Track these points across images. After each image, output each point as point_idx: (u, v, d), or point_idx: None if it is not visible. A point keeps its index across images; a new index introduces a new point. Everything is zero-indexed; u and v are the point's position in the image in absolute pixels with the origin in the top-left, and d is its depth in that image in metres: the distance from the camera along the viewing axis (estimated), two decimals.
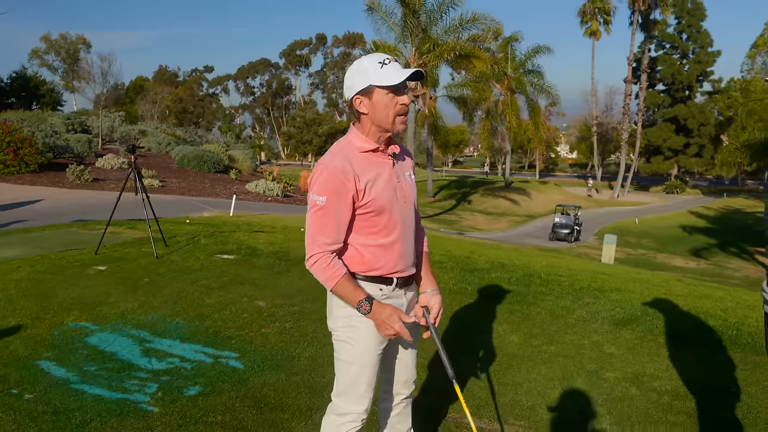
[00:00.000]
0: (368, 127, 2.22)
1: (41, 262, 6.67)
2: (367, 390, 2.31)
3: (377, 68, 2.14)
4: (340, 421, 2.32)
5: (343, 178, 2.13)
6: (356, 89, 2.17)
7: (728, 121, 62.82)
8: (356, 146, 2.22)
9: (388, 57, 2.17)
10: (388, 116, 2.17)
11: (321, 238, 2.17)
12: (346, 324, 2.28)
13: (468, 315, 5.15)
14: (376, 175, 2.21)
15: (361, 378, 2.29)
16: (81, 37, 67.81)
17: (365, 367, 2.28)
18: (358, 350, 2.28)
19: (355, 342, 2.27)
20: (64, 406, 3.41)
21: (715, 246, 32.51)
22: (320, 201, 2.15)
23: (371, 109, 2.17)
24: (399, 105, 2.17)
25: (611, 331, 4.76)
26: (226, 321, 4.89)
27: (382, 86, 2.13)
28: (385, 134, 2.23)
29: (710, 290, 6.62)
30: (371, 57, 2.18)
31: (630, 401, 3.56)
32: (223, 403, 3.46)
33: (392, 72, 2.13)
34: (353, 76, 2.19)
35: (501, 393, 3.64)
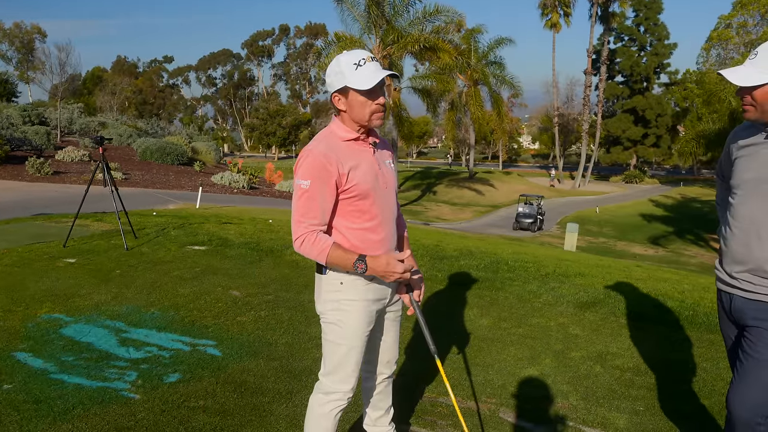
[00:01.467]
0: (347, 121, 2.33)
1: (8, 255, 6.60)
2: (354, 369, 2.41)
3: (352, 70, 2.21)
4: (327, 399, 2.42)
5: (325, 162, 2.22)
6: (334, 88, 2.27)
7: (684, 112, 64.44)
8: (338, 135, 2.32)
9: (363, 57, 2.24)
10: (364, 114, 2.27)
11: (306, 221, 2.26)
12: (335, 307, 2.37)
13: (439, 301, 5.30)
14: (358, 161, 2.31)
15: (349, 358, 2.39)
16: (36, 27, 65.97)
17: (353, 348, 2.38)
18: (346, 332, 2.36)
19: (344, 324, 2.36)
20: (44, 395, 3.44)
21: (672, 234, 33.49)
22: (305, 185, 2.24)
23: (348, 107, 2.28)
24: (375, 106, 2.27)
25: (576, 313, 4.97)
26: (202, 310, 4.95)
27: (357, 89, 2.22)
28: (363, 128, 2.34)
29: (668, 274, 6.91)
30: (348, 57, 2.24)
31: (595, 378, 3.75)
32: (204, 389, 3.54)
33: (366, 75, 2.21)
34: (331, 74, 2.28)
35: (474, 373, 3.80)
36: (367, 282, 2.36)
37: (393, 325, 2.61)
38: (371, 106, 2.26)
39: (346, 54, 2.26)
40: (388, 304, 2.53)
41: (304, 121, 74.75)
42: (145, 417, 3.20)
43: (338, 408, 2.43)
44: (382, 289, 2.42)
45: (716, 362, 4.00)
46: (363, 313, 2.37)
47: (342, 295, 2.35)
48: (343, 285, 2.35)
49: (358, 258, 2.24)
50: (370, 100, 2.25)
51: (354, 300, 2.35)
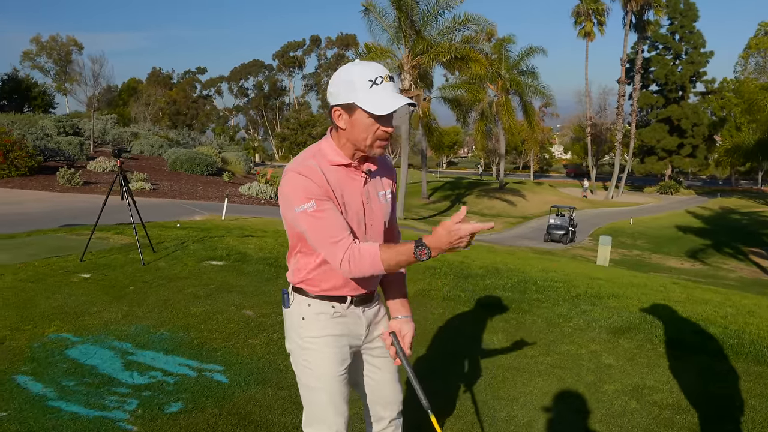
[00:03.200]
0: (343, 142, 2.01)
1: (24, 269, 6.49)
2: (335, 416, 2.12)
3: (366, 86, 1.89)
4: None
5: (320, 180, 1.95)
6: (338, 100, 1.94)
7: (721, 122, 62.91)
8: (327, 158, 2.02)
9: (381, 74, 1.91)
10: (366, 139, 1.95)
11: (332, 240, 1.94)
12: (300, 345, 2.13)
13: (462, 323, 5.00)
14: (345, 191, 2.02)
15: (325, 403, 2.11)
16: (72, 39, 67.63)
17: (326, 390, 2.10)
18: (315, 372, 2.10)
19: (311, 364, 2.11)
20: (38, 425, 3.25)
21: (710, 246, 32.50)
22: (310, 208, 1.93)
23: (349, 126, 1.95)
24: (380, 131, 1.95)
25: (609, 340, 4.63)
26: (212, 332, 4.74)
27: (367, 111, 1.91)
28: (360, 153, 2.02)
29: (708, 294, 6.49)
30: (363, 68, 1.92)
31: (630, 416, 3.42)
32: (206, 421, 3.31)
33: (382, 97, 1.89)
34: (338, 84, 1.94)
35: (496, 408, 3.50)
36: (331, 316, 2.10)
37: (385, 362, 2.29)
38: (377, 132, 1.94)
39: (361, 65, 1.94)
40: (367, 341, 2.24)
41: None
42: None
43: None
44: (351, 323, 2.15)
45: (766, 399, 3.63)
46: (330, 349, 2.10)
47: (305, 331, 2.10)
48: (305, 321, 2.11)
49: (416, 245, 1.85)
50: (378, 125, 1.93)
51: (318, 336, 2.09)
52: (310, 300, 2.12)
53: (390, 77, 1.93)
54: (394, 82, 1.94)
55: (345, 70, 1.95)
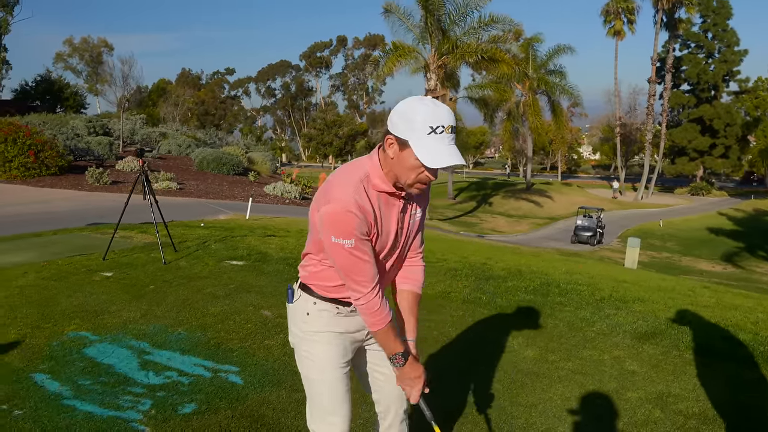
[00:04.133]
0: (388, 170, 1.99)
1: (48, 268, 6.56)
2: (337, 408, 2.15)
3: (425, 131, 1.86)
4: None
5: (363, 218, 1.94)
6: (395, 131, 1.91)
7: (755, 122, 61.53)
8: (372, 183, 2.00)
9: (444, 124, 1.86)
10: (408, 177, 1.94)
11: (360, 279, 2.00)
12: (302, 338, 2.18)
13: (481, 327, 4.91)
14: (387, 217, 2.05)
15: (327, 395, 2.14)
16: (103, 41, 68.87)
17: (326, 382, 2.14)
18: (317, 364, 2.15)
19: (313, 356, 2.16)
20: (52, 424, 3.25)
21: (743, 249, 31.75)
22: (348, 244, 1.94)
23: (397, 159, 1.93)
24: (423, 175, 1.93)
25: (633, 345, 4.49)
26: (229, 332, 4.71)
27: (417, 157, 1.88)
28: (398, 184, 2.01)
29: (739, 299, 6.29)
30: (428, 110, 1.88)
31: (654, 425, 3.29)
32: (218, 423, 3.27)
33: (438, 149, 1.86)
34: (401, 116, 1.91)
35: (515, 414, 3.40)
36: (334, 313, 2.13)
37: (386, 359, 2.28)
38: (420, 176, 1.93)
39: (428, 106, 1.89)
40: (371, 340, 2.27)
41: (361, 132, 75.11)
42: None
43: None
44: (353, 323, 2.18)
45: None
46: (332, 344, 2.14)
47: (308, 326, 2.15)
48: (309, 316, 2.15)
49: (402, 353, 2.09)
50: (423, 171, 1.92)
51: (320, 331, 2.14)
52: (315, 299, 2.16)
53: (452, 128, 1.90)
54: (454, 134, 1.91)
55: (411, 106, 1.91)
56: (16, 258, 7.06)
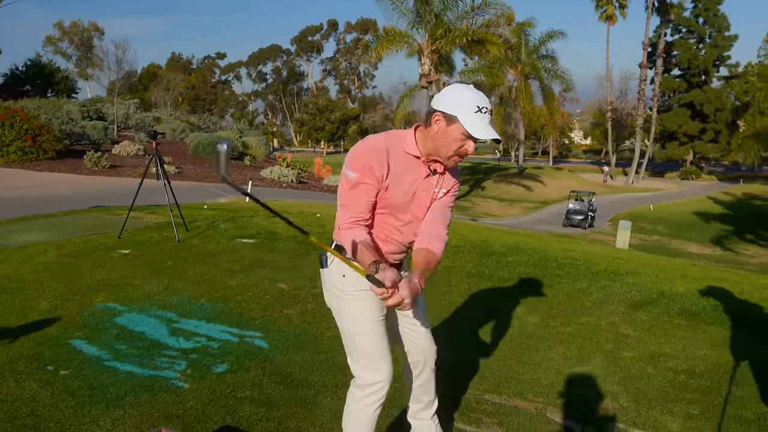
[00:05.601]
0: (427, 142, 2.29)
1: (67, 245, 6.83)
2: (377, 358, 2.39)
3: (472, 110, 2.18)
4: (362, 394, 2.41)
5: (377, 159, 2.24)
6: (443, 108, 2.22)
7: (745, 107, 62.04)
8: (405, 143, 2.32)
9: (486, 106, 2.21)
10: (449, 149, 2.24)
11: (349, 212, 2.29)
12: (342, 298, 2.41)
13: (486, 297, 5.24)
14: (405, 175, 2.32)
15: (368, 345, 2.39)
16: (94, 24, 68.34)
17: (368, 334, 2.38)
18: (356, 320, 2.39)
19: (353, 313, 2.40)
20: (98, 381, 3.54)
21: (731, 233, 32.28)
22: (351, 176, 2.26)
23: (442, 132, 2.23)
24: (463, 148, 2.24)
25: (627, 312, 4.84)
26: (249, 302, 5.02)
27: (465, 129, 2.19)
28: (434, 156, 2.31)
29: (726, 274, 6.66)
30: (474, 96, 2.20)
31: (647, 380, 3.64)
32: (251, 380, 3.58)
33: (483, 125, 2.19)
34: (451, 96, 2.22)
35: (520, 372, 3.73)
36: None
37: (417, 316, 2.59)
38: (460, 149, 2.24)
39: (474, 92, 2.22)
40: None
41: (353, 116, 75.03)
42: (193, 406, 3.26)
43: (374, 402, 2.40)
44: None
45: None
46: (368, 300, 2.38)
47: (346, 286, 2.39)
48: (345, 277, 2.39)
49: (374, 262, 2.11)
50: (464, 142, 2.23)
51: (358, 290, 2.36)
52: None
53: (491, 111, 2.24)
54: (492, 117, 2.25)
55: (459, 90, 2.24)
56: (33, 237, 7.32)
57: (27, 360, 3.82)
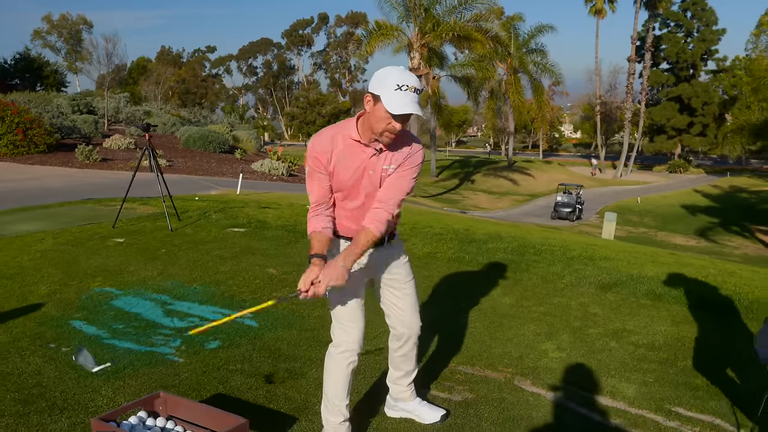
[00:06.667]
0: (364, 123, 2.54)
1: (63, 234, 7.05)
2: (347, 323, 2.71)
3: (392, 88, 2.37)
4: (335, 351, 2.74)
5: (320, 150, 2.56)
6: (371, 89, 2.45)
7: (732, 100, 62.60)
8: (349, 132, 2.58)
9: (408, 84, 2.38)
10: (379, 127, 2.45)
11: (311, 199, 2.65)
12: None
13: (464, 280, 5.52)
14: (348, 161, 2.58)
15: (340, 309, 2.73)
16: (82, 17, 67.95)
17: (342, 301, 2.72)
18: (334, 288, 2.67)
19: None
20: (98, 357, 3.78)
21: (717, 225, 32.77)
22: (307, 169, 2.62)
23: (371, 112, 2.46)
24: (390, 126, 2.43)
25: (597, 294, 5.14)
26: (240, 286, 5.27)
27: (384, 106, 2.39)
28: (373, 136, 2.53)
29: (695, 260, 6.97)
30: (397, 75, 2.40)
31: (609, 352, 3.93)
32: (242, 355, 3.85)
33: (399, 101, 2.37)
34: (377, 78, 2.44)
35: (492, 346, 4.02)
36: (339, 247, 2.70)
37: (402, 293, 2.85)
38: (387, 126, 2.44)
39: (400, 72, 2.42)
40: (384, 275, 2.82)
41: (344, 110, 75.17)
42: (188, 377, 3.52)
43: (346, 360, 2.70)
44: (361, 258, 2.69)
45: (727, 339, 4.15)
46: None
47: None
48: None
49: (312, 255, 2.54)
50: (390, 121, 2.42)
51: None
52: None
53: (415, 89, 2.41)
54: (418, 94, 2.44)
55: (385, 70, 2.47)
56: (29, 227, 7.54)
57: (30, 339, 4.07)
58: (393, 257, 2.84)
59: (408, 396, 3.06)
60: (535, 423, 3.05)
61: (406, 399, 3.05)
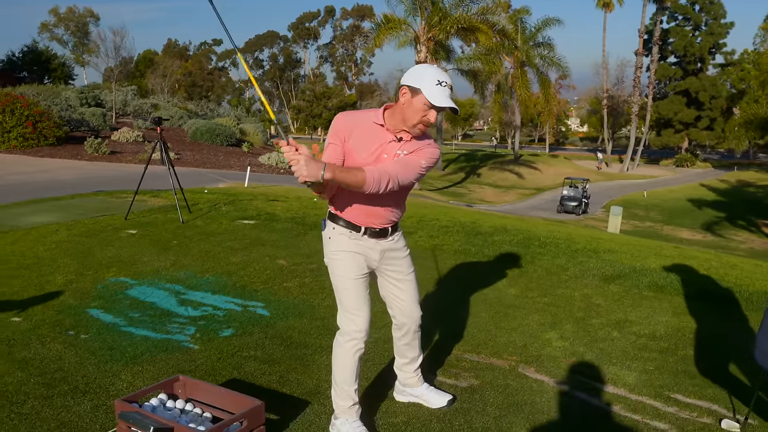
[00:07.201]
0: (395, 114, 2.67)
1: (76, 226, 7.20)
2: (357, 308, 2.79)
3: (433, 83, 2.55)
4: (343, 340, 2.83)
5: (342, 125, 2.68)
6: (409, 82, 2.59)
7: (740, 94, 62.25)
8: (374, 116, 2.71)
9: (446, 81, 2.58)
10: (414, 118, 2.60)
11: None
12: (328, 257, 2.85)
13: (471, 272, 5.64)
14: (368, 141, 2.68)
15: (348, 298, 2.80)
16: (89, 10, 68.11)
17: (346, 290, 2.80)
18: (337, 277, 2.82)
19: (335, 270, 2.83)
20: (116, 343, 3.93)
21: (723, 219, 32.72)
22: (327, 141, 2.72)
23: (407, 104, 2.60)
24: (426, 118, 2.59)
25: (600, 285, 5.24)
26: (251, 277, 5.40)
27: (427, 99, 2.54)
28: (402, 127, 2.67)
29: (698, 253, 7.06)
30: (435, 72, 2.59)
31: (611, 342, 4.04)
32: (255, 342, 3.98)
33: (442, 95, 2.55)
34: (415, 73, 2.60)
35: (497, 335, 4.14)
36: (348, 237, 2.80)
37: (403, 285, 2.97)
38: (423, 118, 2.59)
39: (437, 69, 2.62)
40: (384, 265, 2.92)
41: (350, 103, 75.16)
42: (204, 363, 3.66)
43: (353, 347, 2.80)
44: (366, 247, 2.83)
45: (725, 330, 4.25)
46: (348, 261, 2.80)
47: (330, 247, 2.83)
48: (330, 240, 2.83)
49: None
50: (427, 113, 2.58)
51: (338, 251, 2.80)
52: (335, 225, 2.83)
53: (451, 87, 2.61)
54: (452, 91, 2.62)
55: (423, 66, 2.66)
56: (43, 218, 7.69)
57: (49, 326, 4.21)
58: (395, 250, 2.95)
59: (415, 382, 3.18)
60: (538, 408, 3.16)
61: (414, 384, 3.18)
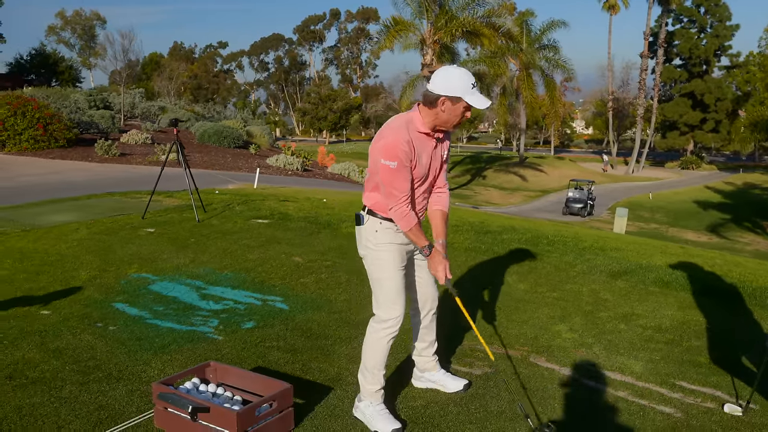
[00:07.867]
0: (431, 119, 2.87)
1: (96, 225, 7.39)
2: (397, 298, 2.97)
3: (469, 88, 2.77)
4: (379, 327, 3.00)
5: (408, 149, 2.82)
6: (448, 93, 2.77)
7: (746, 96, 62.28)
8: (416, 126, 2.88)
9: (473, 81, 2.80)
10: (455, 121, 2.85)
11: (395, 192, 2.84)
12: (373, 248, 3.00)
13: (481, 269, 5.80)
14: (422, 153, 2.90)
15: (390, 288, 2.98)
16: (95, 13, 68.62)
17: (391, 279, 2.98)
18: (384, 266, 2.99)
19: (381, 261, 2.99)
20: (144, 334, 4.11)
21: (729, 221, 32.77)
22: (392, 165, 2.80)
23: (449, 111, 2.82)
24: (465, 116, 2.86)
25: (607, 281, 5.40)
26: (269, 273, 5.58)
27: (469, 104, 2.79)
28: (439, 127, 2.90)
29: (703, 252, 7.20)
30: (464, 75, 2.79)
31: (618, 334, 4.20)
32: (276, 333, 4.15)
33: (480, 97, 2.78)
34: (448, 81, 2.78)
35: (509, 327, 4.30)
36: (396, 230, 2.97)
37: (424, 267, 3.16)
38: (462, 118, 2.85)
39: (462, 72, 2.80)
40: (416, 251, 3.12)
41: (355, 106, 75.38)
42: (229, 352, 3.83)
43: (389, 335, 2.98)
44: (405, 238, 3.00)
45: (729, 323, 4.41)
46: (395, 251, 2.99)
47: (377, 240, 2.99)
48: (378, 232, 2.99)
49: (428, 245, 2.93)
50: (466, 113, 2.84)
51: (387, 242, 2.98)
52: (381, 220, 2.99)
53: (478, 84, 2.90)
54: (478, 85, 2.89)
55: (449, 71, 2.83)
56: (63, 218, 7.89)
57: (78, 318, 4.39)
58: None
59: (433, 366, 3.35)
60: (549, 393, 3.33)
61: (431, 369, 3.35)
